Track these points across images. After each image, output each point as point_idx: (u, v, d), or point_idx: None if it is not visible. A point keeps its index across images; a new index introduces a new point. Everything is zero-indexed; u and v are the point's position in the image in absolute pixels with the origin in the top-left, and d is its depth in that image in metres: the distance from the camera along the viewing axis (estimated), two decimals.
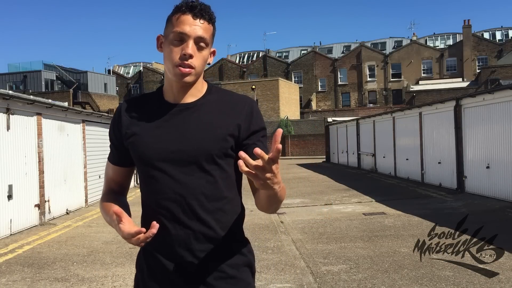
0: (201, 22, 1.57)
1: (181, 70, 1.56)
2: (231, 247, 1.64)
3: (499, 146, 10.98)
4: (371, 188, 14.40)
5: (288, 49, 65.48)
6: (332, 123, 32.64)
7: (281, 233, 8.08)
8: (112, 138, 1.75)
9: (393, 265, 5.77)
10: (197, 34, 1.56)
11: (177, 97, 1.65)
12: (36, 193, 9.64)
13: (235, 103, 1.66)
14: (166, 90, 1.68)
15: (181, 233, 1.58)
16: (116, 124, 1.71)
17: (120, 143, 1.70)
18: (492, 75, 43.20)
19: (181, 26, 1.56)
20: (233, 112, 1.64)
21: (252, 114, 1.65)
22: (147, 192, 1.65)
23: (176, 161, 1.59)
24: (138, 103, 1.73)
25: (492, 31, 58.84)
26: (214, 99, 1.67)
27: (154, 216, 1.58)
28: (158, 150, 1.60)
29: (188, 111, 1.63)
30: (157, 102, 1.68)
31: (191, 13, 1.56)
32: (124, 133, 1.67)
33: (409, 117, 17.05)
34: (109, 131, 1.76)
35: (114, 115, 1.76)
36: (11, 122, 8.73)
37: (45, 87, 43.52)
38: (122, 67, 70.27)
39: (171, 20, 1.60)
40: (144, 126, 1.65)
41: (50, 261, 6.62)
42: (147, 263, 1.67)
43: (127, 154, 1.70)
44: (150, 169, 1.62)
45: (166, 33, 1.62)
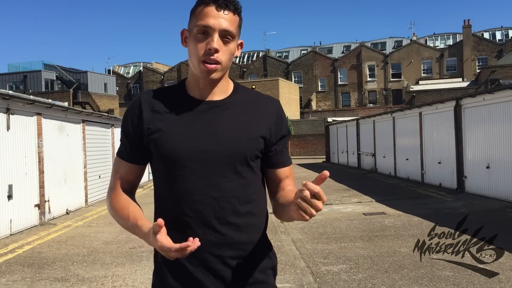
0: (225, 14, 1.49)
1: (207, 67, 1.48)
2: (260, 251, 1.58)
3: (499, 146, 10.98)
4: (371, 188, 14.40)
5: (288, 49, 65.48)
6: (332, 123, 32.63)
7: (281, 233, 8.08)
8: (128, 132, 1.59)
9: (393, 265, 5.77)
10: (222, 26, 1.48)
11: (203, 93, 1.57)
12: (36, 193, 9.64)
13: (264, 104, 1.63)
14: (191, 85, 1.59)
15: (212, 238, 1.49)
16: (136, 118, 1.57)
17: (139, 138, 1.57)
18: (492, 75, 43.19)
19: (204, 19, 1.48)
20: (264, 113, 1.60)
21: (282, 117, 1.65)
22: (171, 192, 1.53)
23: (208, 161, 1.50)
24: (159, 96, 1.60)
25: (492, 31, 58.83)
26: (243, 98, 1.62)
27: (178, 218, 1.51)
28: (189, 149, 1.50)
29: (218, 108, 1.56)
30: (181, 97, 1.59)
31: (215, 4, 1.48)
32: (146, 128, 1.54)
33: (409, 117, 17.05)
34: (125, 125, 1.61)
35: (132, 107, 1.60)
36: (11, 122, 8.73)
37: (45, 87, 43.51)
38: (122, 67, 70.27)
39: (194, 13, 1.52)
40: (170, 122, 1.54)
41: (50, 261, 6.61)
42: (170, 271, 1.55)
43: (144, 151, 1.58)
44: (178, 168, 1.51)
45: (190, 27, 1.54)
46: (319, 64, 58.60)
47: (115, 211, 1.60)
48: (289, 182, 1.64)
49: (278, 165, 1.62)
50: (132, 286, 5.34)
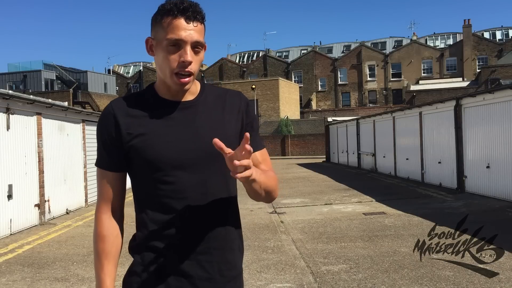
0: (194, 25, 1.51)
1: (181, 81, 1.53)
2: (239, 238, 1.68)
3: (499, 146, 10.97)
4: (371, 188, 14.40)
5: (288, 48, 65.48)
6: (332, 122, 32.62)
7: (281, 233, 8.07)
8: (105, 141, 1.61)
9: (393, 265, 5.77)
10: (193, 39, 1.51)
11: (175, 96, 1.60)
12: (36, 193, 9.64)
13: (230, 98, 1.68)
14: (162, 89, 1.61)
15: (201, 231, 1.56)
16: (112, 125, 1.58)
17: (118, 146, 1.59)
18: (492, 74, 43.21)
19: (176, 33, 1.49)
20: (234, 107, 1.66)
21: (248, 105, 1.71)
22: (160, 193, 1.56)
23: (195, 160, 1.55)
24: (132, 102, 1.62)
25: (492, 30, 58.84)
26: (212, 95, 1.67)
27: (169, 216, 1.55)
28: (175, 149, 1.54)
29: (192, 108, 1.61)
30: (154, 100, 1.61)
31: (184, 16, 1.50)
32: (126, 134, 1.57)
33: (409, 116, 17.04)
34: (100, 134, 1.62)
35: (105, 116, 1.62)
36: (11, 122, 8.73)
37: (45, 87, 43.52)
38: (122, 66, 70.28)
39: (160, 23, 1.53)
40: (150, 126, 1.56)
41: (50, 261, 6.61)
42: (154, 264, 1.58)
43: (125, 158, 1.60)
44: (166, 170, 1.54)
45: (157, 37, 1.54)
46: (319, 63, 58.60)
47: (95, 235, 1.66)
48: (261, 167, 1.67)
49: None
50: None
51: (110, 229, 1.64)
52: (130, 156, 1.59)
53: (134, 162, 1.60)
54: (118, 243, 1.66)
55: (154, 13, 1.58)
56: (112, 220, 1.65)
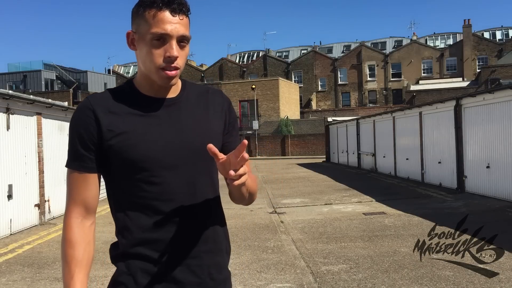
0: (180, 18, 1.43)
1: (167, 74, 1.44)
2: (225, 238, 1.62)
3: (499, 146, 10.97)
4: (371, 188, 14.40)
5: (288, 48, 65.49)
6: (332, 122, 32.61)
7: (281, 233, 8.07)
8: (84, 139, 1.49)
9: (393, 265, 5.77)
10: (180, 33, 1.42)
11: (158, 92, 1.52)
12: (36, 193, 9.65)
13: (213, 96, 1.63)
14: (143, 85, 1.53)
15: (189, 233, 1.50)
16: (90, 121, 1.47)
17: (96, 144, 1.48)
18: (492, 74, 43.20)
19: (160, 26, 1.40)
20: (216, 105, 1.61)
21: (229, 106, 1.66)
22: (145, 194, 1.48)
23: (182, 159, 1.49)
24: (112, 98, 1.52)
25: (492, 30, 58.85)
26: (193, 92, 1.60)
27: (156, 218, 1.47)
28: (161, 148, 1.47)
29: (176, 106, 1.54)
30: (135, 97, 1.52)
31: (169, 9, 1.41)
32: (106, 131, 1.46)
33: (409, 116, 17.04)
34: (76, 131, 1.50)
35: (83, 111, 1.50)
36: (11, 122, 8.73)
37: (45, 87, 43.56)
38: (122, 66, 70.26)
39: (143, 16, 1.43)
40: (132, 124, 1.47)
41: (50, 260, 6.61)
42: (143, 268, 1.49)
43: (101, 157, 1.50)
44: (152, 170, 1.47)
45: (140, 30, 1.45)
46: (319, 63, 58.59)
47: (64, 241, 1.54)
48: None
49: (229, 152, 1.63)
50: None
51: (82, 235, 1.51)
52: (109, 155, 1.48)
53: (113, 162, 1.49)
54: (90, 250, 1.54)
55: (134, 4, 1.48)
56: (85, 225, 1.52)
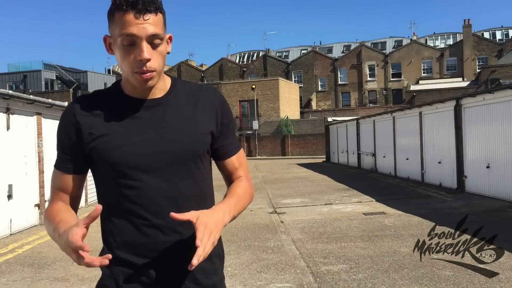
0: (146, 18, 1.36)
1: (142, 77, 1.40)
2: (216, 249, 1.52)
3: (499, 146, 10.97)
4: (371, 188, 14.39)
5: (288, 48, 65.50)
6: (332, 122, 32.60)
7: (281, 233, 8.07)
8: (65, 142, 1.49)
9: (393, 265, 5.77)
10: (148, 33, 1.37)
11: (142, 93, 1.49)
12: (36, 193, 9.64)
13: (205, 95, 1.57)
14: (128, 86, 1.49)
15: (171, 238, 1.46)
16: (72, 125, 1.48)
17: (78, 146, 1.48)
18: (492, 74, 43.20)
19: (127, 28, 1.36)
20: (207, 105, 1.55)
21: (224, 105, 1.60)
22: (124, 198, 1.46)
23: (161, 162, 1.45)
24: (96, 100, 1.51)
25: (492, 30, 58.86)
26: (183, 92, 1.55)
27: (136, 222, 1.46)
28: (140, 151, 1.43)
29: (161, 106, 1.49)
30: (119, 98, 1.50)
31: (134, 10, 1.35)
32: (87, 134, 1.46)
33: (409, 116, 17.04)
34: (59, 134, 1.51)
35: (66, 115, 1.51)
36: (11, 122, 8.73)
37: (45, 87, 43.56)
38: None
39: (113, 20, 1.40)
40: (114, 126, 1.46)
41: (50, 260, 6.61)
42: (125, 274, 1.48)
43: (85, 159, 1.50)
44: (131, 173, 1.44)
45: (113, 34, 1.42)
46: (319, 63, 58.59)
47: (47, 219, 1.49)
48: (238, 173, 1.64)
49: (224, 156, 1.62)
50: None
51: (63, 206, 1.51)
52: (92, 158, 1.48)
53: (97, 165, 1.49)
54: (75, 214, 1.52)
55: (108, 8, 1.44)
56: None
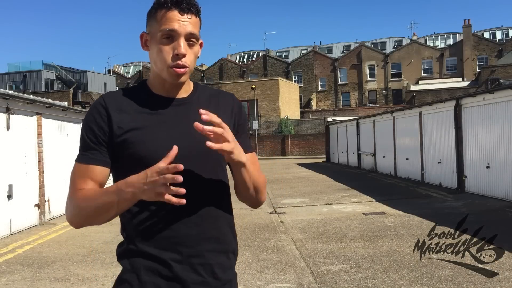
0: (189, 17, 1.49)
1: (176, 71, 1.49)
2: (231, 241, 1.62)
3: (499, 146, 10.97)
4: (371, 188, 14.40)
5: (288, 48, 65.48)
6: (332, 122, 32.61)
7: (281, 233, 8.07)
8: (96, 133, 1.53)
9: (393, 265, 5.77)
10: (187, 31, 1.48)
11: (169, 92, 1.57)
12: (36, 193, 9.64)
13: (224, 99, 1.67)
14: (155, 85, 1.58)
15: (193, 232, 1.51)
16: (102, 118, 1.53)
17: (107, 139, 1.52)
18: (492, 74, 43.19)
19: (169, 23, 1.47)
20: (226, 108, 1.64)
21: (240, 108, 1.69)
22: None
23: (188, 158, 1.49)
24: (124, 97, 1.58)
25: (492, 30, 58.84)
26: (204, 94, 1.65)
27: (161, 217, 1.50)
28: (168, 146, 1.43)
29: (185, 106, 1.57)
30: (147, 96, 1.57)
31: (178, 8, 1.48)
32: (117, 128, 1.51)
33: (409, 116, 17.04)
34: (89, 127, 1.54)
35: (96, 109, 1.55)
36: (11, 122, 8.73)
37: (45, 87, 43.52)
38: (122, 66, 70.29)
39: (154, 17, 1.51)
40: (142, 121, 1.52)
41: (50, 261, 6.61)
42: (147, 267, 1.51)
43: (111, 154, 1.54)
44: None
45: (152, 31, 1.53)
46: (319, 63, 58.59)
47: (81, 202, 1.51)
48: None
49: None
50: None
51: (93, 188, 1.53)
52: (117, 152, 1.53)
53: (122, 159, 1.53)
54: None
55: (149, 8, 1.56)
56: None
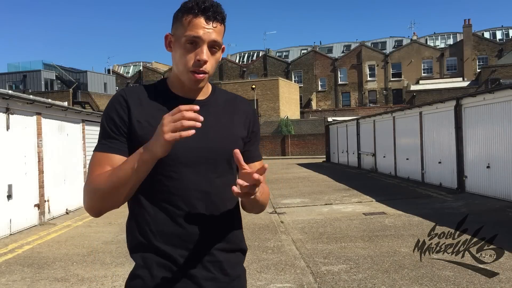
0: (214, 26, 1.53)
1: (195, 76, 1.53)
2: (240, 241, 1.67)
3: (500, 146, 10.97)
4: (371, 188, 14.39)
5: (288, 48, 65.47)
6: (332, 122, 32.61)
7: (281, 233, 8.07)
8: (117, 123, 1.55)
9: (393, 265, 5.77)
10: (211, 38, 1.52)
11: (188, 93, 1.61)
12: (35, 193, 9.64)
13: (240, 104, 1.73)
14: (176, 85, 1.62)
15: (203, 230, 1.54)
16: (123, 110, 1.55)
17: (127, 130, 1.55)
18: (493, 74, 43.19)
19: (194, 30, 1.51)
20: (241, 113, 1.70)
21: (255, 115, 1.75)
22: (163, 187, 1.54)
23: (201, 158, 1.54)
24: (144, 93, 1.61)
25: (492, 30, 58.82)
26: (222, 98, 1.69)
27: (171, 212, 1.53)
28: (184, 145, 1.49)
29: (203, 108, 1.55)
30: (166, 95, 1.61)
31: (204, 16, 1.51)
32: (135, 122, 1.54)
33: (409, 116, 17.04)
34: (110, 118, 1.57)
35: (117, 100, 1.57)
36: (10, 122, 8.72)
37: (45, 87, 43.50)
38: (122, 66, 70.30)
39: (181, 21, 1.54)
40: (160, 119, 1.48)
41: (50, 261, 6.61)
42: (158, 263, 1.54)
43: (130, 144, 1.55)
44: (173, 164, 1.52)
45: (176, 33, 1.56)
46: (319, 63, 58.59)
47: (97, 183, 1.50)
48: None
49: (248, 160, 1.68)
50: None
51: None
52: (134, 145, 1.53)
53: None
54: None
55: (176, 10, 1.60)
56: None
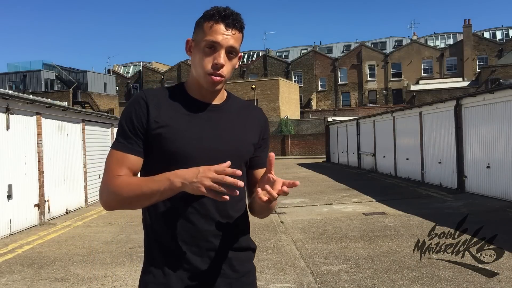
0: (233, 33, 1.61)
1: (213, 79, 1.61)
2: (248, 241, 1.75)
3: (500, 146, 10.97)
4: (371, 188, 14.39)
5: (288, 48, 65.46)
6: (332, 122, 32.61)
7: (281, 233, 8.07)
8: (135, 124, 1.61)
9: (393, 265, 5.77)
10: (229, 44, 1.60)
11: (205, 97, 1.69)
12: (35, 193, 9.64)
13: (253, 111, 1.82)
14: (193, 89, 1.69)
15: (212, 228, 1.62)
16: (142, 111, 1.61)
17: (145, 131, 1.61)
18: (493, 74, 43.17)
19: (213, 35, 1.59)
20: (254, 119, 1.79)
21: (266, 122, 1.85)
22: None
23: (214, 159, 1.56)
24: (163, 95, 1.68)
25: (492, 30, 58.82)
26: (236, 104, 1.77)
27: (182, 210, 1.61)
28: (198, 146, 1.61)
29: (218, 112, 1.70)
30: (184, 98, 1.68)
31: (224, 23, 1.60)
32: (153, 122, 1.60)
33: (409, 116, 17.04)
34: (129, 117, 1.62)
35: (137, 101, 1.64)
36: (10, 122, 8.72)
37: (45, 87, 43.48)
38: (122, 66, 70.26)
39: (202, 26, 1.63)
40: (177, 120, 1.63)
41: (50, 261, 6.61)
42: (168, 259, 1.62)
43: (147, 145, 1.62)
44: (187, 163, 1.56)
45: (197, 38, 1.65)
46: (319, 63, 58.58)
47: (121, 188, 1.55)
48: None
49: (257, 166, 1.79)
50: (132, 286, 5.34)
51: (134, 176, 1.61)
52: (150, 145, 1.62)
53: (153, 152, 1.63)
54: None
55: (199, 17, 1.69)
56: None
